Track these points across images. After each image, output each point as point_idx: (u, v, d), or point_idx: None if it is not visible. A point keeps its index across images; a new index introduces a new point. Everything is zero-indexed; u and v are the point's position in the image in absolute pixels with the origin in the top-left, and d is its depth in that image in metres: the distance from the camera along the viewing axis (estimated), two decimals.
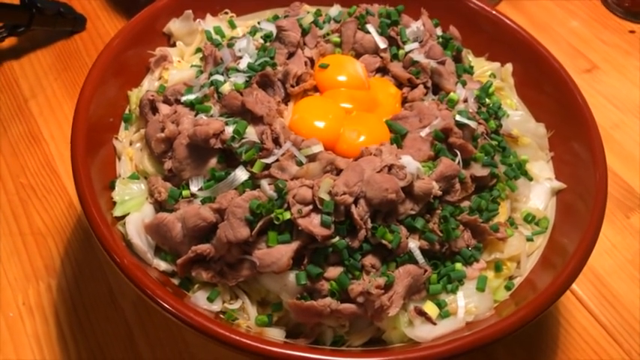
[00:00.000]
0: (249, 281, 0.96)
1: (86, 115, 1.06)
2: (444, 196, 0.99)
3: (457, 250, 0.99)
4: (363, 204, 0.92)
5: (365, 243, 0.92)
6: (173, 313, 0.86)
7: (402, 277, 0.93)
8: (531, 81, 1.28)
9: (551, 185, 1.15)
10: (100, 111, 1.10)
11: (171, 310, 0.86)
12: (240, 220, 0.90)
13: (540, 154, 1.19)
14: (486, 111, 1.12)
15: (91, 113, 1.07)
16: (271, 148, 0.95)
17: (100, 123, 1.10)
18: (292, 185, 0.92)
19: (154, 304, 0.87)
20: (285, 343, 0.83)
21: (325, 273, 0.92)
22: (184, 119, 1.02)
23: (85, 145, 1.02)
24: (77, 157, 0.99)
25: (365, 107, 1.07)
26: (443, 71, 1.10)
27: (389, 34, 1.16)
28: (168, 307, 0.86)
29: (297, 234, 0.91)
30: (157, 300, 0.86)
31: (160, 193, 0.99)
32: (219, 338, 0.84)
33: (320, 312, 0.90)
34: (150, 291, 0.87)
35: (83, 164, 0.99)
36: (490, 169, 1.04)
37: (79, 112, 1.05)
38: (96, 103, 1.09)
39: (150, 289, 0.87)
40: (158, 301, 0.86)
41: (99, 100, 1.10)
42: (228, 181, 0.94)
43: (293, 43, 1.09)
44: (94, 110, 1.08)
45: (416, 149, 1.01)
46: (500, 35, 1.32)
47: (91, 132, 1.05)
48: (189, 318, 0.85)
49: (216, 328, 0.85)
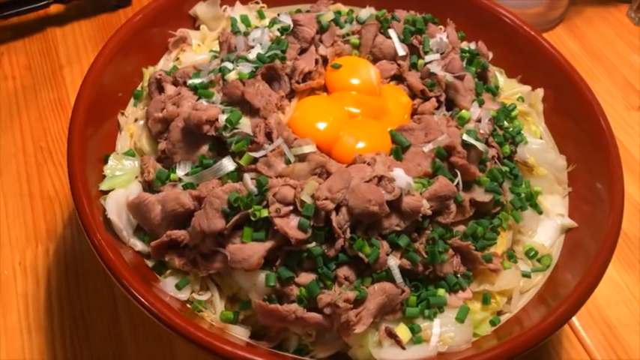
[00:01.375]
0: (222, 275, 0.94)
1: (93, 85, 1.06)
2: (436, 217, 0.94)
3: (442, 275, 0.93)
4: (345, 212, 0.88)
5: (341, 253, 0.89)
6: (132, 294, 0.84)
7: (375, 294, 0.88)
8: (562, 110, 1.21)
9: (562, 222, 1.08)
10: (110, 84, 1.10)
11: (131, 290, 0.84)
12: (217, 210, 0.88)
13: (557, 187, 1.12)
14: (503, 134, 1.06)
15: (100, 85, 1.08)
16: (262, 142, 0.93)
17: (108, 96, 1.10)
18: (274, 183, 0.89)
19: (116, 282, 0.86)
20: (228, 341, 0.80)
21: (297, 278, 0.89)
22: (185, 102, 1.00)
23: (86, 115, 1.02)
24: (75, 126, 0.99)
25: (372, 114, 1.03)
26: (459, 87, 1.05)
27: (411, 41, 1.12)
28: (129, 287, 0.84)
29: (273, 234, 0.88)
30: (120, 279, 0.85)
31: (149, 173, 0.98)
32: (171, 325, 0.82)
33: (284, 317, 0.87)
34: (114, 269, 0.86)
35: (79, 133, 0.99)
36: (493, 196, 0.98)
37: (86, 82, 1.05)
38: (107, 75, 1.09)
39: (115, 266, 0.86)
40: (120, 280, 0.85)
41: (110, 73, 1.10)
42: (214, 169, 0.92)
43: (306, 39, 1.05)
44: (104, 82, 1.08)
45: (415, 164, 0.96)
46: (536, 58, 1.25)
47: (96, 103, 1.05)
48: (148, 301, 0.84)
49: (171, 315, 0.83)
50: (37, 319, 1.18)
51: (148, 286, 0.86)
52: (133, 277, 0.85)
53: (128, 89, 1.15)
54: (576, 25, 1.85)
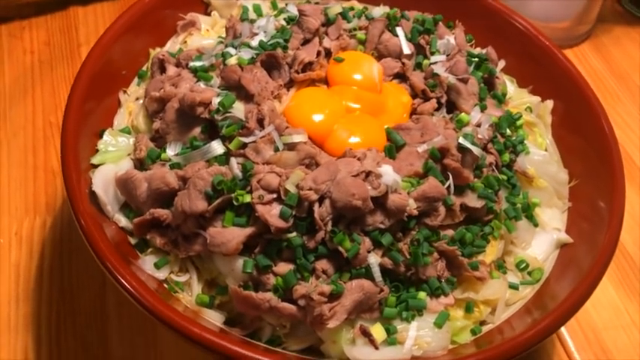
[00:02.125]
0: (203, 258, 0.93)
1: (97, 60, 1.06)
2: (423, 218, 0.92)
3: (425, 277, 0.91)
4: (328, 205, 0.86)
5: (321, 246, 0.87)
6: (107, 267, 0.84)
7: (352, 290, 0.87)
8: (571, 124, 1.18)
9: (558, 237, 1.05)
10: (115, 61, 1.11)
11: (107, 263, 0.84)
12: (200, 192, 0.87)
13: (556, 201, 1.09)
14: (504, 142, 1.04)
15: (105, 60, 1.08)
16: (253, 128, 0.92)
17: (112, 72, 1.11)
18: (260, 169, 0.88)
19: (93, 253, 0.85)
20: (197, 324, 0.79)
21: (275, 267, 0.88)
22: (183, 83, 1.00)
23: (87, 88, 1.02)
24: (73, 97, 1.00)
25: (370, 110, 1.01)
26: (462, 90, 1.03)
27: (418, 41, 1.10)
28: (104, 260, 0.84)
29: (255, 220, 0.88)
30: (97, 251, 0.85)
31: (141, 151, 0.98)
32: (142, 302, 0.82)
33: (258, 305, 0.86)
34: (92, 240, 0.86)
35: (77, 104, 1.00)
36: (486, 203, 0.96)
37: (91, 55, 1.06)
38: (113, 52, 1.10)
39: (94, 238, 0.86)
40: (97, 252, 0.85)
41: (117, 50, 1.11)
42: (202, 151, 0.92)
43: (310, 30, 1.05)
44: (109, 58, 1.09)
45: (407, 163, 0.95)
46: (549, 69, 1.22)
47: (99, 78, 1.06)
48: (122, 276, 0.84)
49: (143, 292, 0.82)
50: (26, 290, 1.19)
51: (125, 262, 0.86)
52: (110, 250, 0.85)
53: (133, 68, 1.15)
54: (603, 44, 1.81)
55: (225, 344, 0.79)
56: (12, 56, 1.57)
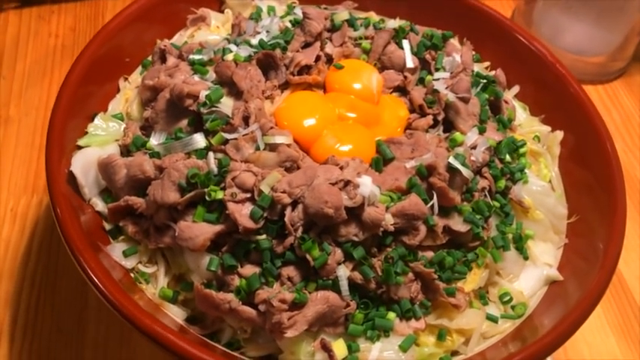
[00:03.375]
0: (174, 252, 0.92)
1: (101, 44, 1.07)
2: (401, 236, 0.88)
3: (396, 297, 0.87)
4: (300, 210, 0.84)
5: (290, 252, 0.84)
6: (70, 247, 0.83)
7: (316, 301, 0.83)
8: (579, 158, 1.13)
9: (548, 273, 1.00)
10: (120, 47, 1.11)
11: (70, 243, 0.83)
12: (173, 183, 0.86)
13: (551, 236, 1.04)
14: (501, 168, 0.99)
15: (111, 46, 1.09)
16: (237, 124, 0.90)
17: (115, 58, 1.11)
18: (236, 167, 0.86)
19: (60, 233, 0.85)
20: (151, 316, 0.77)
21: (240, 268, 0.86)
22: (178, 74, 0.99)
23: (86, 70, 1.03)
24: (70, 78, 1.00)
25: (364, 120, 0.99)
26: (461, 109, 0.99)
27: (424, 56, 1.07)
28: (69, 240, 0.83)
29: (225, 218, 0.85)
30: (63, 229, 0.84)
31: (127, 137, 0.98)
32: (95, 285, 0.80)
33: (217, 305, 0.83)
34: (61, 219, 0.85)
35: (72, 85, 1.00)
36: (471, 228, 0.92)
37: (95, 39, 1.06)
38: (119, 38, 1.10)
39: (63, 217, 0.85)
40: (63, 230, 0.84)
41: (123, 37, 1.11)
42: (183, 142, 0.90)
43: (312, 33, 1.03)
44: (114, 44, 1.09)
45: (393, 177, 0.91)
46: (564, 99, 1.17)
47: (101, 62, 1.06)
48: (83, 258, 0.82)
49: (101, 277, 0.81)
50: (12, 267, 1.19)
51: (90, 245, 0.85)
52: (77, 232, 0.85)
53: (138, 57, 1.15)
54: (636, 82, 1.74)
55: (178, 342, 0.77)
56: (37, 38, 1.60)
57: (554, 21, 1.69)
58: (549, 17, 1.69)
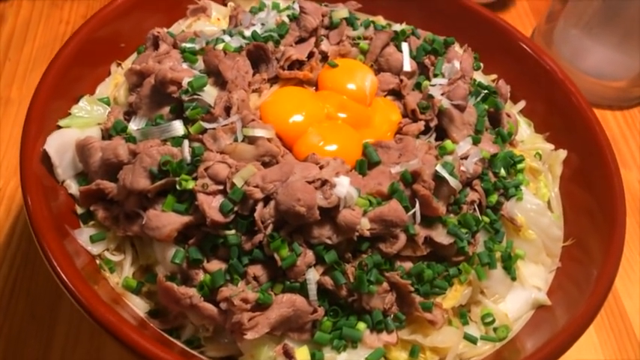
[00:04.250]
0: (144, 242, 0.88)
1: (96, 27, 1.05)
2: (378, 243, 0.84)
3: (368, 307, 0.83)
4: (272, 207, 0.80)
5: (258, 249, 0.81)
6: (33, 228, 0.80)
7: (281, 304, 0.79)
8: (582, 179, 1.07)
9: (536, 296, 0.94)
10: (116, 31, 1.09)
11: (34, 224, 0.80)
12: (145, 169, 0.83)
13: (543, 258, 0.98)
14: (494, 182, 0.94)
15: (106, 30, 1.07)
16: (217, 114, 0.87)
17: (109, 42, 1.09)
18: (210, 157, 0.83)
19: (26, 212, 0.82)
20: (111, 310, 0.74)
21: (206, 263, 0.82)
22: (167, 61, 0.97)
23: (77, 51, 1.01)
24: (57, 59, 0.99)
25: (353, 121, 0.95)
26: (456, 117, 0.95)
27: (423, 60, 1.03)
28: (34, 220, 0.81)
29: (195, 210, 0.82)
30: (28, 210, 0.82)
31: (109, 121, 0.95)
32: (58, 275, 0.78)
33: (178, 299, 0.80)
34: (27, 198, 0.82)
35: (59, 66, 0.98)
36: (455, 241, 0.87)
37: (90, 21, 1.05)
38: (116, 23, 1.09)
39: (31, 197, 0.83)
40: (28, 212, 0.81)
41: (120, 22, 1.09)
42: (161, 128, 0.87)
43: (307, 29, 0.99)
44: (110, 28, 1.08)
45: (376, 182, 0.87)
46: (571, 117, 1.11)
47: (93, 44, 1.04)
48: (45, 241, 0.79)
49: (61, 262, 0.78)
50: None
51: (53, 226, 0.82)
52: (42, 212, 0.82)
53: (135, 43, 1.12)
54: None
55: (131, 335, 0.74)
56: (48, 23, 1.60)
57: (574, 43, 1.64)
58: (570, 38, 1.64)
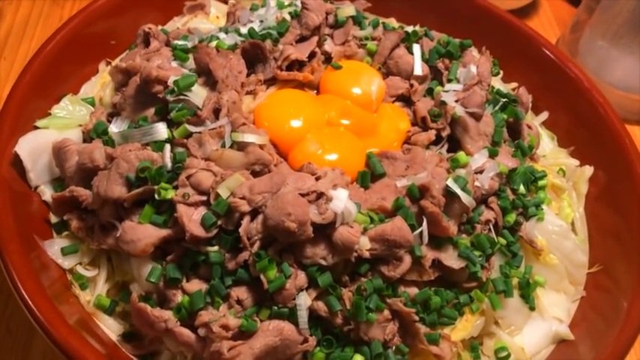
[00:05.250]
0: (121, 256, 0.80)
1: (84, 22, 0.98)
2: (379, 265, 0.74)
3: (367, 338, 0.73)
4: (260, 222, 0.71)
5: (243, 269, 0.72)
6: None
7: (267, 332, 0.70)
8: (610, 199, 0.97)
9: (557, 329, 0.84)
10: (105, 28, 1.03)
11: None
12: (121, 176, 0.74)
13: (566, 286, 0.88)
14: (512, 200, 0.85)
15: (96, 25, 1.00)
16: (205, 117, 0.78)
17: (98, 38, 1.02)
18: (193, 164, 0.74)
19: None
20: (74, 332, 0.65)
21: (185, 283, 0.73)
22: (156, 59, 0.89)
23: (59, 50, 0.94)
24: (38, 56, 0.91)
25: (357, 129, 0.86)
26: (470, 126, 0.85)
27: (436, 64, 0.94)
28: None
29: (174, 223, 0.73)
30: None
31: (90, 123, 0.87)
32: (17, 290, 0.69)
33: (152, 322, 0.71)
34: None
35: (40, 63, 0.91)
36: (467, 265, 0.77)
37: (77, 16, 0.97)
38: (103, 21, 1.02)
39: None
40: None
41: (108, 20, 1.03)
42: (143, 131, 0.79)
43: (309, 26, 0.91)
44: (100, 25, 1.01)
45: (379, 196, 0.78)
46: (598, 131, 1.02)
47: (80, 42, 0.97)
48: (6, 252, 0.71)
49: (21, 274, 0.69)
50: None
51: (18, 236, 0.74)
52: (6, 218, 0.73)
53: (126, 41, 1.05)
54: None
55: None
56: (47, 22, 1.53)
57: (601, 54, 1.53)
58: (596, 49, 1.54)
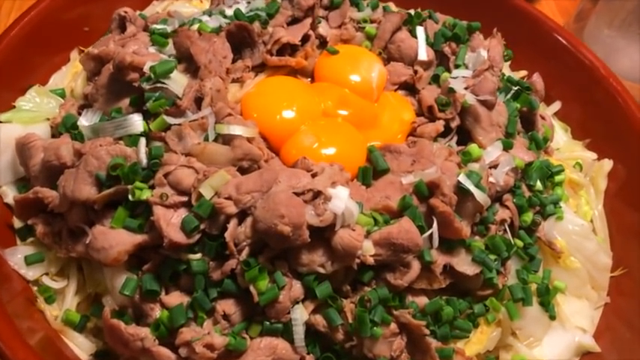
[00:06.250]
0: (93, 265, 0.71)
1: (49, 9, 0.89)
2: (384, 273, 0.66)
3: (372, 356, 0.65)
4: (249, 225, 0.62)
5: (230, 280, 0.63)
6: None
7: (258, 351, 0.62)
8: (631, 195, 0.90)
9: (581, 340, 0.76)
10: (78, 15, 0.94)
11: None
12: (90, 174, 0.66)
13: (588, 291, 0.81)
14: (529, 197, 0.77)
15: (63, 13, 0.92)
16: (185, 107, 0.70)
17: (68, 26, 0.93)
18: (172, 159, 0.65)
19: None
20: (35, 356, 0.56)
21: (164, 295, 0.64)
22: (132, 45, 0.80)
23: (25, 36, 0.85)
24: (5, 36, 0.82)
25: (357, 120, 0.77)
26: (482, 116, 0.77)
27: (442, 49, 0.85)
28: None
29: (151, 227, 0.64)
30: None
31: (59, 116, 0.78)
32: None
33: (126, 341, 0.62)
34: None
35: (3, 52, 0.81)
36: (482, 271, 0.69)
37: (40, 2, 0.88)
38: (78, 5, 0.93)
39: None
40: None
41: (83, 5, 0.94)
42: (115, 123, 0.70)
43: (301, 7, 0.82)
44: (68, 11, 0.92)
45: (382, 195, 0.70)
46: (616, 121, 0.94)
47: (47, 29, 0.88)
48: None
49: None
50: None
51: None
52: None
53: (100, 27, 0.96)
54: None
55: None
56: None
57: (608, 42, 1.46)
58: (602, 38, 1.46)
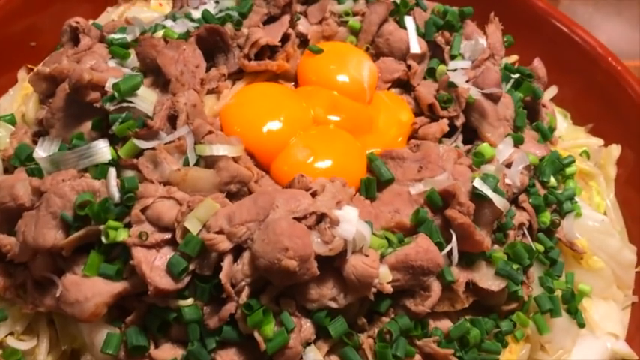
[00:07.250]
0: (66, 318, 0.61)
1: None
2: (403, 299, 0.58)
3: None
4: (247, 261, 0.54)
5: (229, 326, 0.55)
6: None
7: None
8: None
9: (613, 347, 0.70)
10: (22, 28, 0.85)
11: None
12: (54, 216, 0.57)
13: (615, 291, 0.76)
14: (544, 196, 0.70)
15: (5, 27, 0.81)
16: (158, 127, 0.61)
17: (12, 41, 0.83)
18: (149, 191, 0.57)
19: None
20: None
21: (154, 349, 0.56)
22: (88, 59, 0.71)
23: None
24: None
25: (351, 126, 0.70)
26: (489, 111, 0.70)
27: (434, 39, 0.78)
28: None
29: (132, 272, 0.55)
30: None
31: (11, 148, 0.68)
32: None
33: None
34: None
35: None
36: (507, 284, 0.62)
37: None
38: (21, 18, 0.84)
39: None
40: None
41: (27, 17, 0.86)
42: (78, 152, 0.61)
43: (277, 3, 0.73)
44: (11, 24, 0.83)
45: (391, 209, 0.62)
46: (618, 103, 0.89)
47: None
48: None
49: None
50: None
51: None
52: None
53: (49, 41, 0.86)
54: None
55: None
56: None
57: (583, 19, 1.42)
58: (578, 14, 1.43)
